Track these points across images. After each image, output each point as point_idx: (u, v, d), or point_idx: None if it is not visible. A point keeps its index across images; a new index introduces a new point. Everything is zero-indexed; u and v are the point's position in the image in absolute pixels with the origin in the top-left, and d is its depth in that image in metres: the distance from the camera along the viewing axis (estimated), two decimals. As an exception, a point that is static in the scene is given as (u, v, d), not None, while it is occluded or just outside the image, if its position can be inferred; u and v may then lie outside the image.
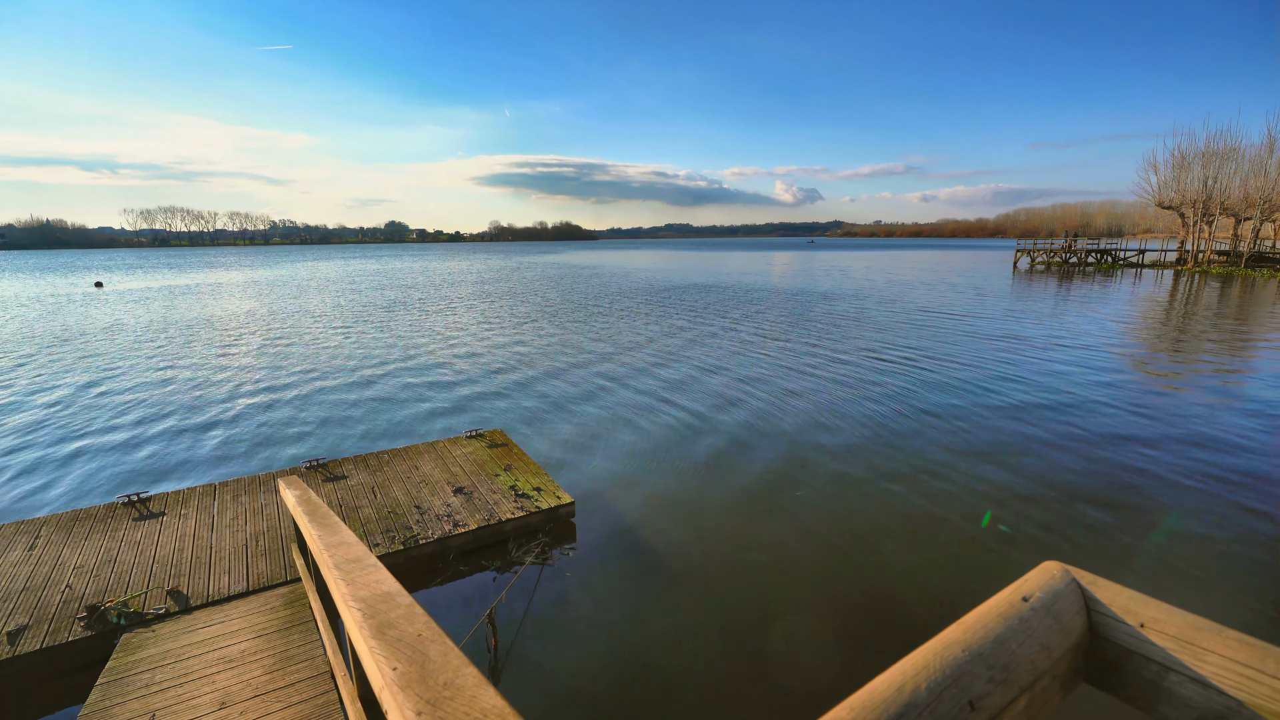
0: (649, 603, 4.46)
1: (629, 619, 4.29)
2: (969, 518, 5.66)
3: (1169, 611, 0.91)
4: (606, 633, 4.15)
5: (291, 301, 26.74)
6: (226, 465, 7.21)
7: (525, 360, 13.01)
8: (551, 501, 5.45)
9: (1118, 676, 0.93)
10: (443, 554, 4.95)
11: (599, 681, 3.72)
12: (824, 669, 3.80)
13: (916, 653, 0.87)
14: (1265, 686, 0.79)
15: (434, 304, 24.93)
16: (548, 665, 3.86)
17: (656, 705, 3.54)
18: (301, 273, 51.02)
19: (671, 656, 3.92)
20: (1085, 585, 0.99)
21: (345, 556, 1.96)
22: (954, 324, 17.74)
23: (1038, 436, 7.74)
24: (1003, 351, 13.34)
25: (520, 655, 3.95)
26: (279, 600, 4.10)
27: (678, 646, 4.01)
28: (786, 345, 14.37)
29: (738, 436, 7.90)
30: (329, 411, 9.33)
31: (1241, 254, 43.93)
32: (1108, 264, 49.23)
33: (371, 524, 5.12)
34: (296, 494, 3.25)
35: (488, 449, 6.70)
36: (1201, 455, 7.09)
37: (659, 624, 4.23)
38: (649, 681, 3.71)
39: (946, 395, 9.72)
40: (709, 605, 4.43)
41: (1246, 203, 42.85)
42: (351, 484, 5.89)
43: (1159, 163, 46.92)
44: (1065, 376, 10.92)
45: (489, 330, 17.51)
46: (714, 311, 21.14)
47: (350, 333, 17.32)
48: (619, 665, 3.84)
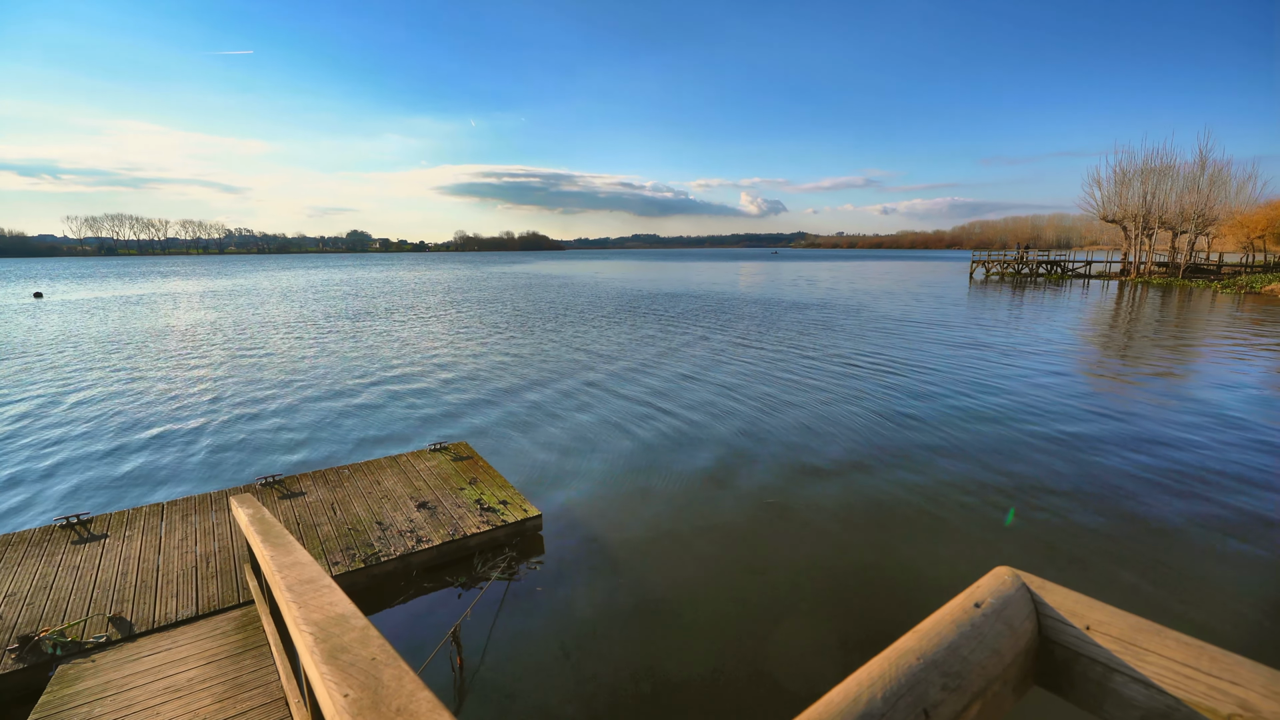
0: (617, 616, 4.42)
1: (597, 633, 4.24)
2: (942, 518, 5.79)
3: (1114, 614, 0.94)
4: (575, 648, 4.10)
5: (250, 312, 25.89)
6: (176, 483, 6.90)
7: (493, 371, 12.84)
8: (518, 515, 5.37)
9: (1066, 679, 0.96)
10: (405, 571, 4.82)
11: (567, 700, 3.66)
12: (799, 683, 3.81)
13: (873, 662, 0.88)
14: (1201, 684, 0.81)
15: (400, 314, 24.45)
16: (514, 684, 3.78)
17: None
18: (262, 282, 49.48)
19: (641, 672, 3.88)
20: (1034, 590, 1.01)
21: (298, 578, 1.89)
22: (922, 331, 18.27)
23: (1012, 437, 7.99)
24: (971, 358, 13.77)
25: (486, 674, 3.86)
26: (231, 624, 3.92)
27: (647, 662, 3.97)
28: (760, 353, 14.53)
29: (708, 445, 7.93)
30: (287, 425, 9.03)
31: (1179, 265, 46.43)
32: (1057, 274, 51.38)
33: (331, 542, 4.96)
34: (249, 512, 3.13)
35: (453, 462, 6.57)
36: (1156, 450, 7.43)
37: (628, 638, 4.19)
38: (618, 699, 3.67)
39: (919, 401, 9.95)
40: (679, 617, 4.41)
41: (1182, 217, 45.34)
42: (310, 500, 5.70)
43: (1102, 179, 49.47)
44: (1024, 379, 11.32)
45: (456, 341, 17.25)
46: (685, 320, 21.27)
47: (312, 344, 16.83)
48: (587, 682, 3.79)
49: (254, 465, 7.40)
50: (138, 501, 6.37)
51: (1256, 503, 6.13)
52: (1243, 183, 47.33)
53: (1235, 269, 47.01)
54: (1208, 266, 47.60)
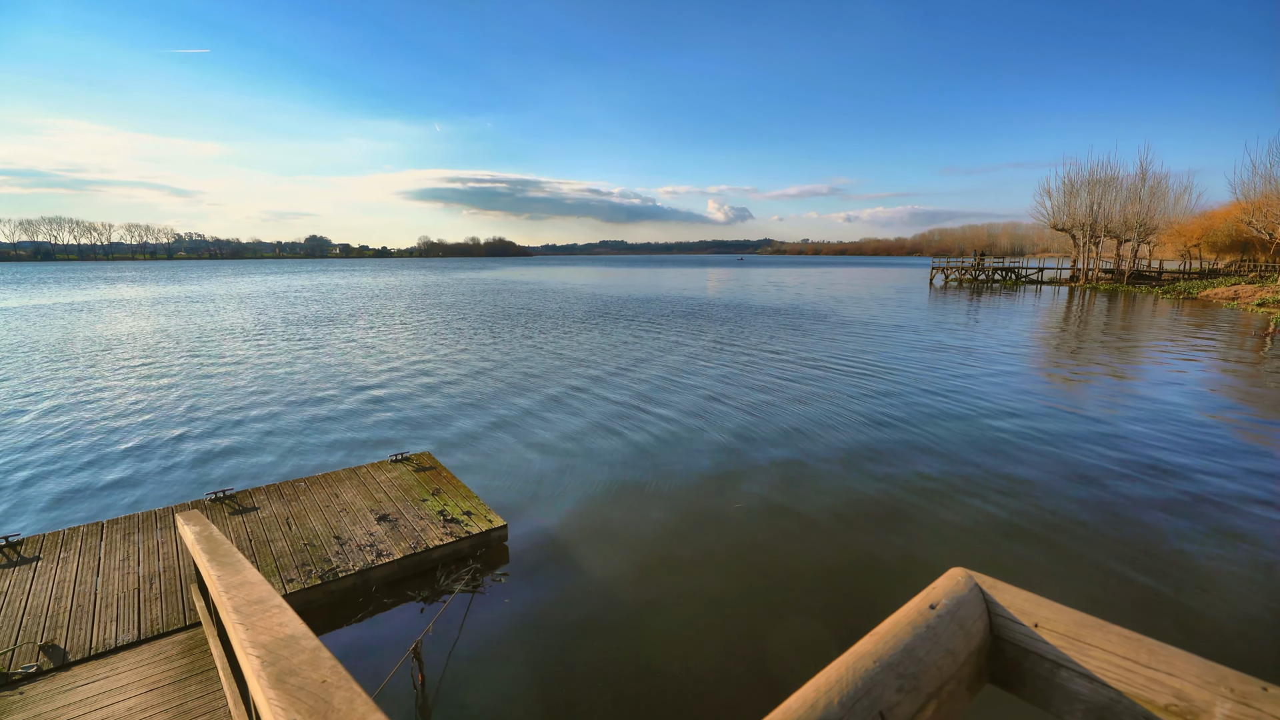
0: (585, 626, 4.37)
1: (564, 645, 4.18)
2: (910, 520, 5.91)
3: (1060, 611, 0.96)
4: (541, 660, 4.03)
5: (203, 319, 24.89)
6: (119, 501, 6.56)
7: (459, 379, 12.63)
8: (483, 525, 5.27)
9: (1017, 676, 0.97)
10: (365, 586, 4.67)
11: (532, 715, 3.59)
12: (772, 689, 3.82)
13: (831, 667, 0.88)
14: (1140, 676, 0.84)
15: (362, 320, 23.85)
16: (478, 699, 3.69)
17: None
18: (217, 289, 47.66)
19: (609, 684, 3.84)
20: (986, 590, 1.03)
21: (246, 598, 1.81)
22: (891, 334, 18.71)
23: (975, 431, 8.22)
24: (938, 359, 14.16)
25: (449, 690, 3.76)
26: (176, 648, 3.73)
27: (615, 672, 3.93)
28: (731, 356, 14.64)
29: (677, 451, 7.93)
30: (241, 437, 8.69)
31: (1124, 272, 48.78)
32: (1012, 280, 53.38)
33: (285, 558, 4.77)
34: (196, 530, 2.99)
35: (415, 473, 6.42)
36: (1108, 441, 7.75)
37: (595, 648, 4.14)
38: (585, 713, 3.62)
39: (889, 402, 10.16)
40: (647, 625, 4.38)
41: (1125, 226, 47.67)
42: (263, 515, 5.48)
43: (1052, 189, 51.45)
44: (983, 378, 11.69)
45: (420, 349, 16.90)
46: (657, 326, 21.31)
47: (269, 352, 16.27)
48: (554, 696, 3.73)
49: (204, 480, 7.09)
50: (77, 521, 6.03)
51: (1194, 486, 6.44)
52: (1180, 194, 50.12)
53: (1175, 275, 49.66)
54: (1149, 273, 50.15)
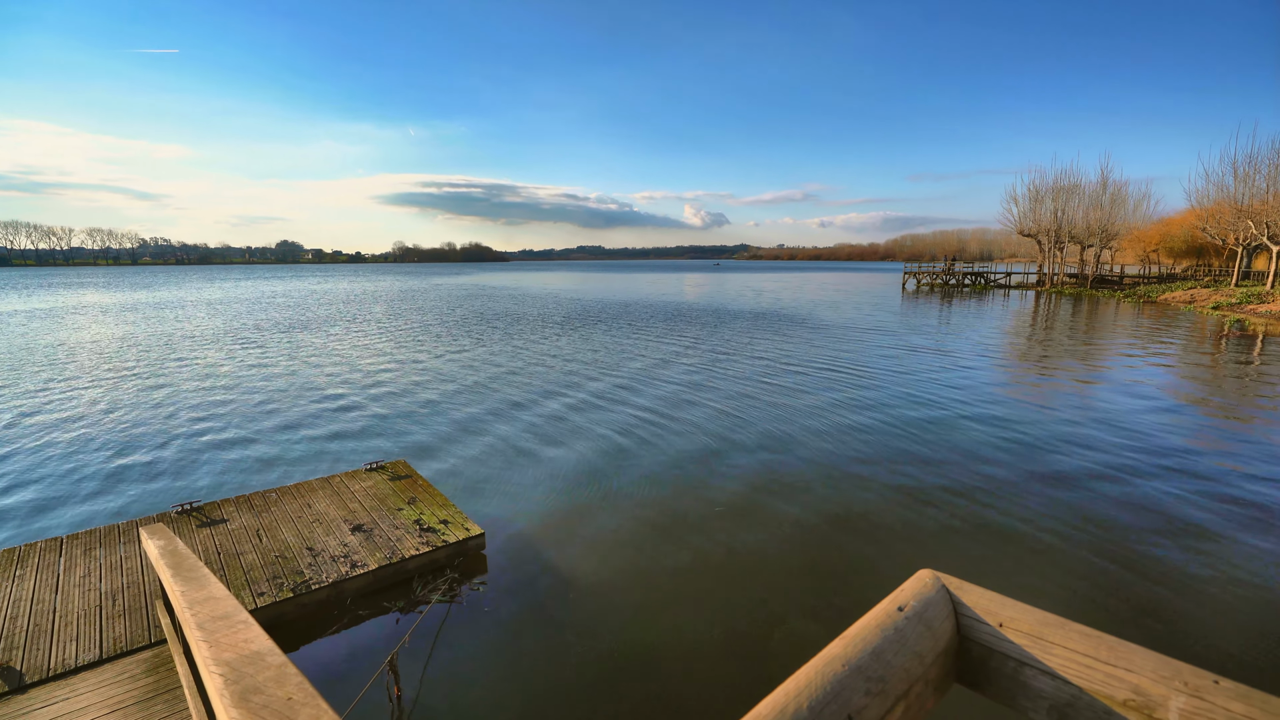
0: (564, 636, 4.34)
1: (544, 653, 4.14)
2: (885, 525, 5.98)
3: (1024, 610, 0.98)
4: (520, 670, 3.99)
5: (173, 325, 24.20)
6: (80, 515, 6.33)
7: (435, 386, 12.48)
8: (460, 534, 5.20)
9: (983, 675, 0.99)
10: (339, 599, 4.58)
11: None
12: (760, 693, 3.83)
13: (800, 672, 0.88)
14: (1099, 673, 0.86)
15: (337, 326, 23.42)
16: (455, 712, 3.64)
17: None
18: (187, 295, 46.37)
19: (589, 694, 3.81)
20: (953, 590, 1.05)
21: (211, 614, 1.76)
22: (871, 337, 18.98)
23: (950, 430, 8.38)
24: (913, 361, 14.41)
25: (426, 703, 3.70)
26: (140, 667, 3.61)
27: (595, 683, 3.91)
28: (711, 360, 14.72)
29: (654, 455, 7.94)
30: (210, 447, 8.46)
31: (1087, 276, 50.30)
32: (981, 285, 54.65)
33: (255, 571, 4.66)
34: (161, 544, 2.90)
35: (390, 481, 6.32)
36: (1072, 439, 7.96)
37: (574, 658, 4.11)
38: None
39: (868, 399, 10.30)
40: (628, 634, 4.37)
41: (1088, 231, 49.18)
42: (232, 528, 5.34)
43: (1018, 195, 52.93)
44: (955, 378, 11.93)
45: (395, 355, 16.67)
46: (637, 330, 21.32)
47: (240, 359, 15.87)
48: (533, 708, 3.69)
49: (170, 492, 6.89)
50: (35, 537, 5.81)
51: (1155, 482, 6.66)
52: (1139, 201, 51.88)
53: (1135, 280, 51.37)
54: (1111, 278, 51.80)
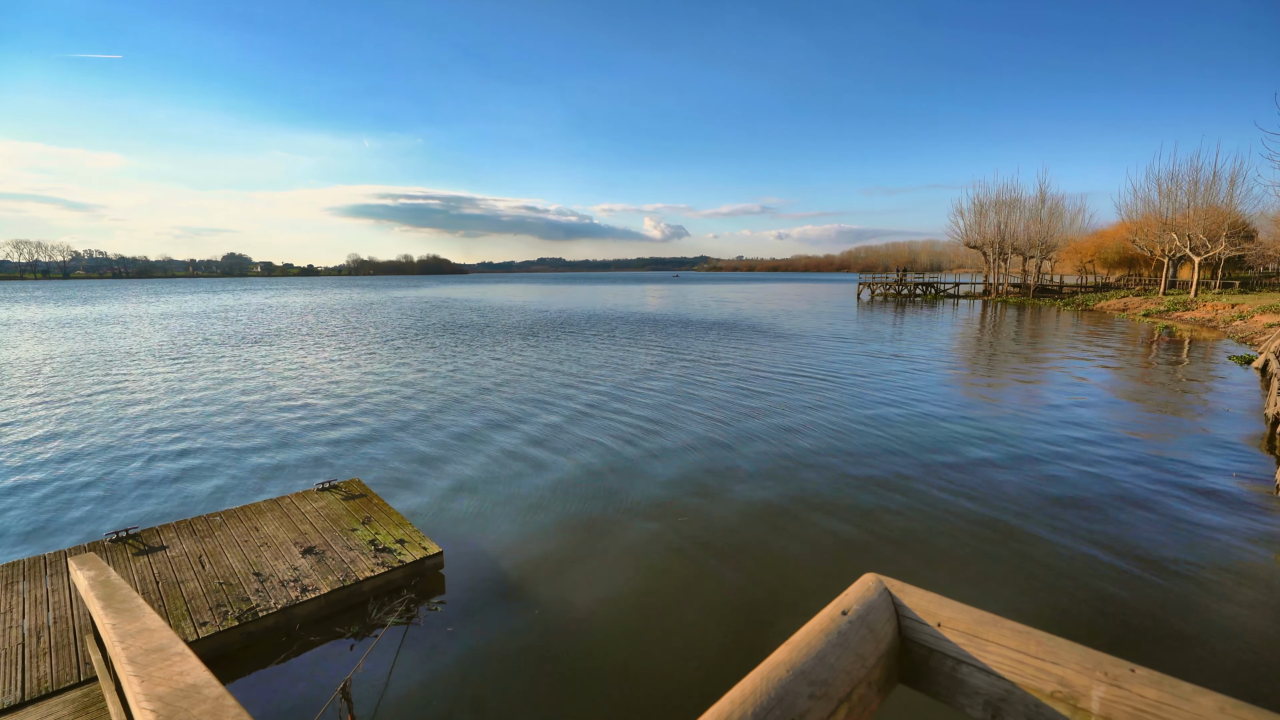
0: (526, 655, 4.26)
1: (505, 675, 4.06)
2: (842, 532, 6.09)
3: (961, 609, 1.02)
4: (480, 693, 3.89)
5: (111, 342, 22.90)
6: (2, 546, 5.91)
7: (391, 402, 12.16)
8: (416, 553, 5.07)
9: (924, 674, 1.02)
10: (288, 625, 4.39)
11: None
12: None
13: (746, 679, 0.90)
14: (1030, 667, 0.90)
15: (287, 340, 22.60)
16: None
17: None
18: (127, 310, 44.02)
19: (552, 716, 3.75)
20: (895, 593, 1.08)
21: (144, 647, 1.67)
22: (831, 344, 19.41)
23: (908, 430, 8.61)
24: (879, 367, 14.79)
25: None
26: (68, 708, 3.38)
27: (559, 703, 3.85)
28: (679, 369, 14.78)
29: (618, 467, 7.91)
30: (149, 470, 8.03)
31: (1030, 286, 52.81)
32: (932, 295, 56.68)
33: (198, 600, 4.43)
34: (91, 574, 2.73)
35: (343, 501, 6.11)
36: (1014, 437, 8.30)
37: (537, 677, 4.04)
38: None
39: (830, 401, 10.51)
40: (592, 651, 4.32)
41: (1029, 243, 51.71)
42: (172, 555, 5.07)
43: (964, 209, 55.29)
44: (909, 381, 12.32)
45: (350, 370, 16.18)
46: (603, 340, 21.26)
47: (185, 375, 15.13)
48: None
49: (105, 518, 6.50)
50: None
51: (1094, 477, 7.00)
52: (1075, 214, 54.94)
53: (1074, 289, 54.22)
54: (1052, 287, 54.53)
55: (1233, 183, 37.15)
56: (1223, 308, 28.99)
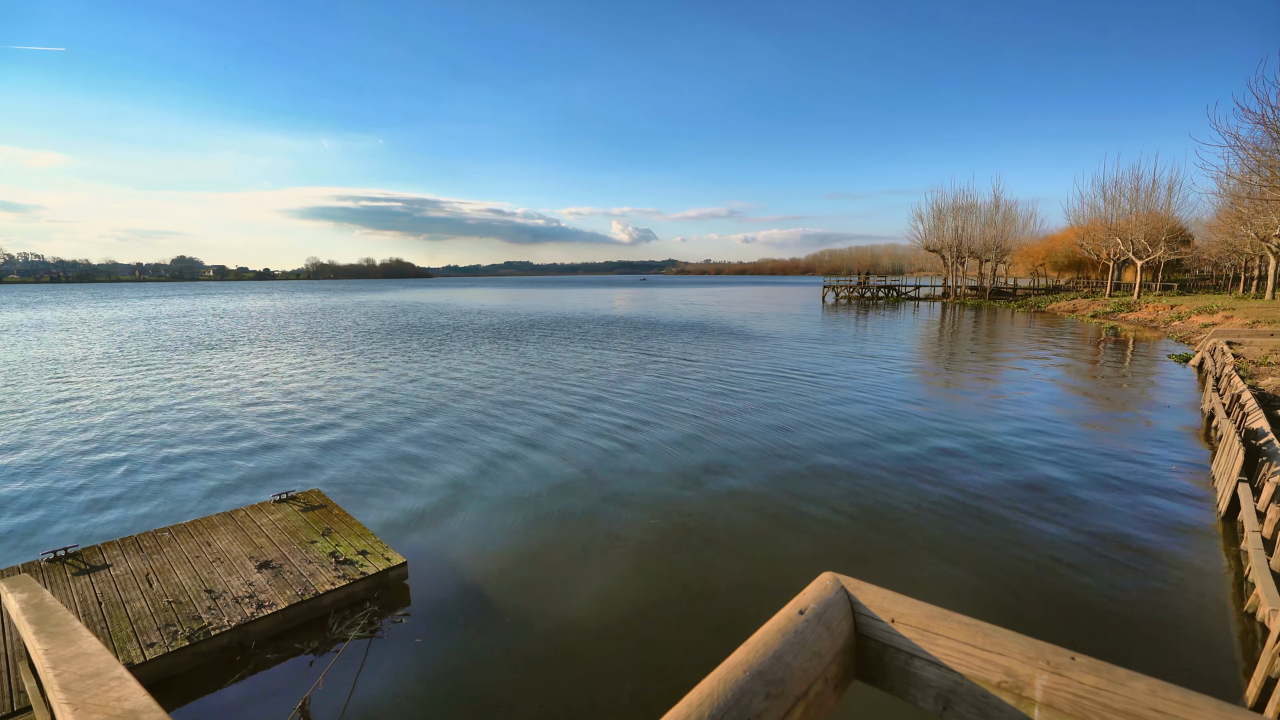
0: (496, 664, 4.19)
1: (474, 685, 3.98)
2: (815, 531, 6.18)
3: (913, 605, 1.04)
4: (448, 706, 3.81)
5: (50, 349, 21.70)
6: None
7: (352, 409, 11.85)
8: (380, 564, 4.94)
9: (879, 670, 1.04)
10: (243, 643, 4.22)
11: (436, 760, 3.38)
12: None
13: (704, 681, 0.90)
14: (977, 659, 0.93)
15: (242, 346, 21.80)
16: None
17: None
18: (70, 315, 41.82)
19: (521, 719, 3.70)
20: (851, 591, 1.10)
21: (79, 672, 1.58)
22: (798, 345, 19.69)
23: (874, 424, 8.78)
24: (840, 365, 15.06)
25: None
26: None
27: (531, 711, 3.80)
28: (653, 372, 14.78)
29: (586, 471, 7.86)
30: (93, 483, 7.64)
31: (986, 288, 54.64)
32: (894, 297, 58.17)
33: (144, 620, 4.23)
34: (24, 597, 2.58)
35: (302, 513, 5.92)
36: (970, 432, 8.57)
37: (507, 687, 3.98)
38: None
39: (797, 401, 10.64)
40: (563, 658, 4.28)
41: (985, 247, 53.51)
42: (117, 573, 4.83)
43: (923, 214, 56.91)
44: (873, 379, 12.59)
45: (308, 378, 15.71)
46: (574, 343, 21.13)
47: (131, 383, 14.45)
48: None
49: (41, 537, 6.16)
50: None
51: (1043, 472, 7.28)
52: (1027, 219, 57.08)
53: (1027, 291, 56.34)
54: (1006, 289, 56.56)
55: (1170, 190, 39.24)
56: (1163, 309, 30.50)
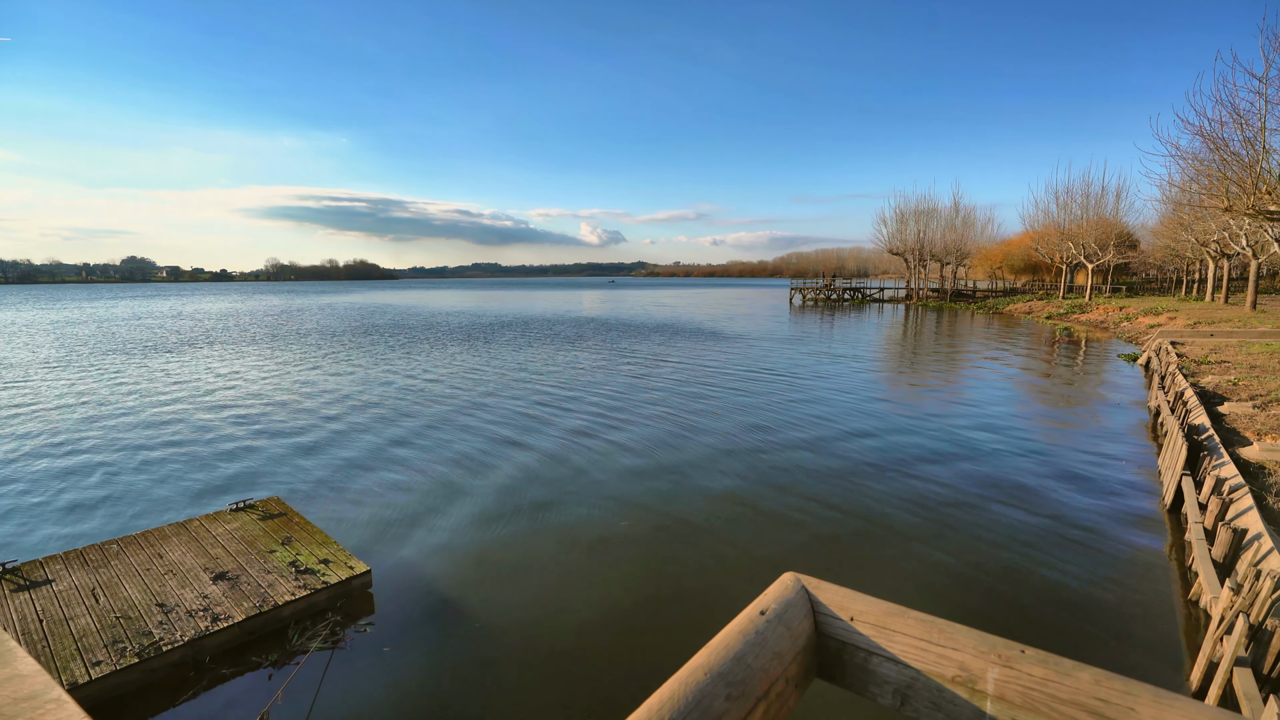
0: (463, 670, 4.12)
1: (441, 693, 3.91)
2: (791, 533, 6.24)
3: (871, 603, 1.05)
4: (410, 712, 3.73)
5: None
6: None
7: (313, 414, 11.53)
8: (342, 573, 4.81)
9: (839, 668, 1.05)
10: (197, 659, 4.06)
11: (401, 772, 3.31)
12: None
13: (665, 685, 0.89)
14: (932, 654, 0.94)
15: (201, 350, 20.99)
16: (337, 768, 3.34)
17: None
18: (13, 318, 39.74)
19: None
20: (812, 590, 1.11)
21: (12, 696, 1.49)
22: (767, 345, 19.88)
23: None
24: (812, 364, 15.25)
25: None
26: (-71, 768, 2.99)
27: (501, 715, 3.74)
28: (631, 376, 14.73)
29: (553, 471, 7.80)
30: (34, 494, 7.26)
31: (947, 291, 56.24)
32: (859, 299, 59.41)
33: (90, 637, 4.03)
34: (-46, 617, 2.44)
35: (261, 521, 5.74)
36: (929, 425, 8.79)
37: (476, 696, 3.92)
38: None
39: (767, 401, 10.74)
40: (532, 662, 4.23)
41: (946, 250, 55.05)
42: (60, 589, 4.60)
43: (887, 218, 58.20)
44: (838, 376, 12.81)
45: (267, 382, 15.23)
46: (546, 345, 20.94)
47: (77, 389, 13.77)
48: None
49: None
50: None
51: (1005, 466, 7.52)
52: (985, 224, 59.00)
53: (986, 293, 58.19)
54: (966, 292, 58.36)
55: (1118, 196, 41.06)
56: (1113, 310, 31.84)
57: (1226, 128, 12.66)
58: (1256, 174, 12.18)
